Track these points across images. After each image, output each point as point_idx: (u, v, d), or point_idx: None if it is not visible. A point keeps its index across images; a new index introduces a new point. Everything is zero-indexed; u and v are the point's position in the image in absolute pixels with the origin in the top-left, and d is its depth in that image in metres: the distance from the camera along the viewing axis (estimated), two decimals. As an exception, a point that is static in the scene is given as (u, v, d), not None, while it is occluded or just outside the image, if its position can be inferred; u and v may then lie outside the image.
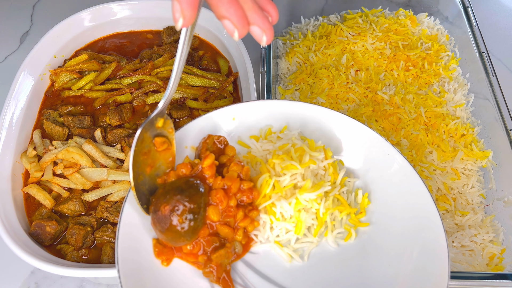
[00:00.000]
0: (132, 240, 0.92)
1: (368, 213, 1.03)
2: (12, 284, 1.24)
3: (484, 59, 1.40)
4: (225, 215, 0.93)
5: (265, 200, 0.97)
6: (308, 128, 1.09)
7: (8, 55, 1.75)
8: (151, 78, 1.43)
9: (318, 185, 0.98)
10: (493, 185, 1.26)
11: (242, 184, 0.95)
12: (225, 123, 1.07)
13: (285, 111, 1.08)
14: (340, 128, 1.07)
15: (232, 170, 0.97)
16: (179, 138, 1.02)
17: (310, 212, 0.99)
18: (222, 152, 1.03)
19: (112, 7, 1.56)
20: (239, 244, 0.95)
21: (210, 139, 1.02)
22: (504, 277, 1.03)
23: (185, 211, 0.87)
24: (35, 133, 1.33)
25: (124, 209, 0.93)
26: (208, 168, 0.94)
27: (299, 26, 1.67)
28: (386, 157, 1.04)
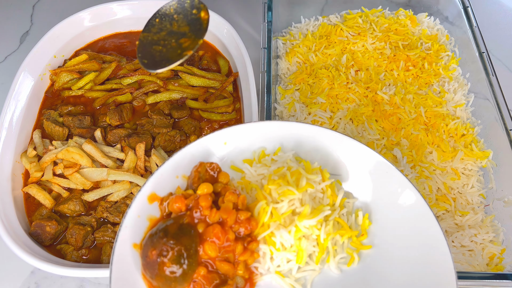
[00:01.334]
0: (126, 281, 0.88)
1: (370, 235, 0.99)
2: (12, 284, 1.24)
3: (484, 59, 1.40)
4: (224, 251, 0.88)
5: (263, 230, 0.93)
6: (302, 148, 1.06)
7: (8, 55, 1.75)
8: (151, 78, 1.43)
9: (318, 210, 0.95)
10: (493, 185, 1.26)
11: (239, 214, 0.91)
12: (217, 148, 1.03)
13: (278, 132, 1.04)
14: (335, 146, 1.04)
15: (227, 201, 0.92)
16: (169, 167, 0.98)
17: (311, 239, 0.95)
18: (215, 179, 0.98)
19: (112, 7, 1.56)
20: (241, 278, 0.91)
21: (202, 167, 0.97)
22: (504, 277, 1.03)
23: (174, 255, 0.83)
24: (35, 133, 1.33)
25: (116, 248, 0.89)
26: (204, 198, 0.90)
27: (299, 26, 1.67)
28: (384, 174, 1.00)
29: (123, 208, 1.19)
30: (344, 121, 1.35)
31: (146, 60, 1.05)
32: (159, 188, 0.96)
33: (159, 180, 0.96)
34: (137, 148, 1.25)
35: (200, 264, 0.87)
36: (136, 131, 1.34)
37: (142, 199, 0.94)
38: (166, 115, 1.37)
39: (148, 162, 1.26)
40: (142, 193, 0.94)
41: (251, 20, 1.83)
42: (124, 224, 0.91)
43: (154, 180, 0.96)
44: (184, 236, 0.86)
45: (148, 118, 1.37)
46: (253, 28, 1.81)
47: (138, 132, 1.33)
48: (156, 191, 0.96)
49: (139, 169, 1.24)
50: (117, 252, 0.89)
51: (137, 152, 1.25)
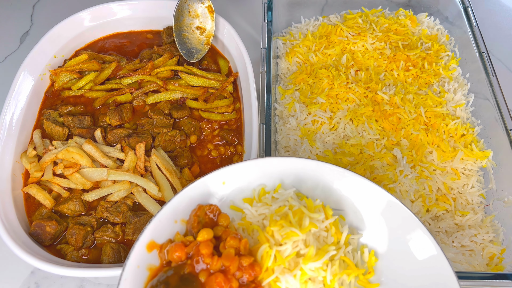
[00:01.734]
0: None
1: (377, 272, 0.97)
2: (12, 284, 1.24)
3: (484, 59, 1.40)
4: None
5: (268, 275, 0.89)
6: (303, 184, 1.03)
7: (8, 55, 1.75)
8: (151, 78, 1.43)
9: (323, 251, 0.92)
10: (493, 185, 1.26)
11: (242, 260, 0.87)
12: (215, 189, 1.00)
13: (277, 168, 1.02)
14: (336, 181, 1.02)
15: (229, 246, 0.89)
16: (168, 212, 0.95)
17: (317, 281, 0.91)
18: (215, 223, 0.95)
19: (112, 7, 1.56)
20: None
21: (201, 211, 0.94)
22: (504, 277, 1.03)
23: None
24: (35, 133, 1.33)
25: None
26: (205, 245, 0.87)
27: (299, 26, 1.67)
28: (388, 208, 0.98)
29: (123, 208, 1.19)
30: (344, 121, 1.35)
31: (184, 50, 1.45)
32: (158, 235, 0.93)
33: (158, 227, 0.93)
34: (137, 148, 1.25)
35: None
36: (136, 131, 1.34)
37: (140, 249, 0.91)
38: (166, 115, 1.37)
39: (148, 162, 1.26)
40: (140, 242, 0.91)
41: (251, 20, 1.83)
42: (124, 277, 0.87)
43: (152, 227, 0.93)
44: (186, 287, 0.83)
45: (148, 118, 1.37)
46: (253, 28, 1.81)
47: (138, 132, 1.33)
48: (154, 239, 0.92)
49: (139, 169, 1.24)
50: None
51: (137, 152, 1.25)
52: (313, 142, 1.32)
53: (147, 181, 1.21)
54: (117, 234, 1.17)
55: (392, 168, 1.26)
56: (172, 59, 1.49)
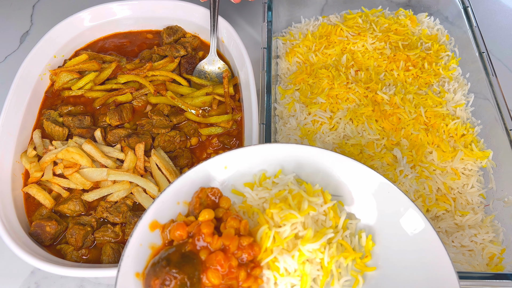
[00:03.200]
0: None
1: (374, 256, 0.99)
2: (12, 284, 1.24)
3: (484, 59, 1.40)
4: (227, 278, 0.87)
5: (267, 255, 0.92)
6: (303, 170, 1.05)
7: (8, 55, 1.75)
8: (142, 80, 1.42)
9: (320, 233, 0.94)
10: (493, 185, 1.26)
11: (241, 240, 0.90)
12: (217, 173, 1.02)
13: (278, 154, 1.04)
14: (336, 167, 1.03)
15: (229, 226, 0.92)
16: (170, 194, 0.97)
17: (315, 262, 0.94)
18: (216, 205, 0.98)
19: (112, 7, 1.56)
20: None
21: (203, 193, 0.97)
22: (504, 277, 1.03)
23: (177, 284, 0.83)
24: (35, 133, 1.33)
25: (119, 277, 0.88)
26: (206, 224, 0.90)
27: (299, 26, 1.67)
28: (386, 195, 1.00)
29: (123, 208, 1.19)
30: (344, 121, 1.35)
31: None
32: (160, 215, 0.95)
33: (160, 207, 0.96)
34: (137, 149, 1.25)
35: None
36: (136, 131, 1.34)
37: (143, 228, 0.93)
38: (165, 116, 1.37)
39: (147, 163, 1.26)
40: (143, 222, 0.94)
41: (251, 20, 1.83)
42: (126, 254, 0.90)
43: (155, 208, 0.95)
44: (187, 265, 0.85)
45: (148, 119, 1.37)
46: (253, 28, 1.81)
47: (138, 133, 1.33)
48: (157, 219, 0.95)
49: (139, 169, 1.24)
50: (120, 282, 0.88)
51: (136, 152, 1.25)
52: (313, 142, 1.32)
53: (147, 181, 1.21)
54: (117, 234, 1.17)
55: (392, 168, 1.26)
56: (171, 64, 1.48)
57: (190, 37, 1.58)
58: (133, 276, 0.90)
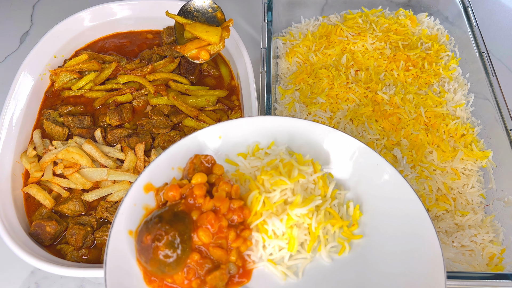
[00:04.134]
0: (121, 267, 0.89)
1: (361, 225, 1.02)
2: (12, 284, 1.24)
3: (484, 59, 1.40)
4: (217, 237, 0.91)
5: (256, 218, 0.96)
6: (295, 143, 1.08)
7: (8, 55, 1.75)
8: (142, 80, 1.42)
9: (309, 199, 0.97)
10: (493, 185, 1.26)
11: (232, 203, 0.94)
12: (212, 142, 1.05)
13: (272, 126, 1.07)
14: (327, 141, 1.07)
15: (221, 189, 0.95)
16: (165, 159, 1.00)
17: (302, 227, 0.97)
18: (210, 171, 1.01)
19: (112, 7, 1.56)
20: (234, 265, 0.93)
21: (197, 159, 1.00)
22: (504, 277, 1.03)
23: (168, 239, 0.86)
24: (35, 133, 1.33)
25: (112, 234, 0.91)
26: (198, 186, 0.93)
27: (299, 26, 1.67)
28: (375, 167, 1.03)
29: (123, 208, 1.19)
30: (344, 121, 1.35)
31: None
32: (155, 178, 0.99)
33: (155, 171, 0.99)
34: (137, 149, 1.25)
35: (193, 250, 0.90)
36: (136, 131, 1.34)
37: (138, 188, 0.97)
38: (166, 116, 1.37)
39: (148, 163, 1.26)
40: (138, 183, 0.97)
41: (251, 20, 1.83)
42: (120, 211, 0.93)
43: (150, 171, 0.99)
44: (179, 222, 0.88)
45: (148, 119, 1.37)
46: (253, 28, 1.81)
47: (138, 133, 1.33)
48: (152, 182, 0.98)
49: (139, 170, 1.24)
50: (113, 237, 0.91)
51: (136, 152, 1.25)
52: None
53: (147, 181, 1.21)
54: (117, 234, 1.17)
55: (392, 168, 1.26)
56: (171, 64, 1.48)
57: (190, 37, 1.58)
58: (126, 233, 0.93)
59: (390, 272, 0.95)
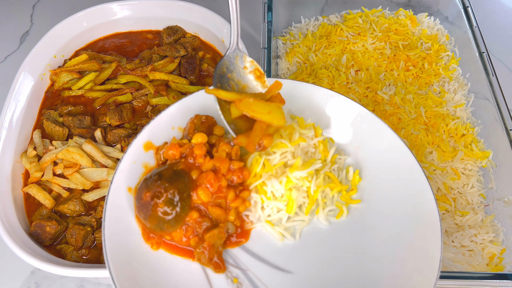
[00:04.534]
0: (119, 223, 0.90)
1: (360, 190, 1.03)
2: (12, 284, 1.24)
3: (484, 59, 1.40)
4: (216, 196, 0.92)
5: (255, 180, 0.96)
6: (297, 106, 1.07)
7: (8, 55, 1.75)
8: (142, 80, 1.42)
9: (309, 162, 0.98)
10: (493, 185, 1.26)
11: (232, 164, 0.94)
12: (213, 103, 1.02)
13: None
14: (330, 105, 1.06)
15: (221, 150, 0.95)
16: (165, 118, 1.00)
17: (301, 190, 0.98)
18: (210, 132, 1.00)
19: (112, 7, 1.56)
20: (232, 224, 0.94)
21: (197, 119, 0.99)
22: (504, 277, 1.03)
23: (167, 197, 0.86)
24: (35, 133, 1.33)
25: (111, 190, 0.91)
26: (199, 146, 0.93)
27: (299, 26, 1.67)
28: (376, 133, 1.03)
29: (123, 208, 1.19)
30: (344, 121, 1.35)
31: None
32: (155, 137, 0.99)
33: (155, 130, 0.99)
34: (137, 148, 1.25)
35: (192, 209, 0.91)
36: (136, 131, 1.34)
37: (137, 146, 0.97)
38: (166, 115, 1.37)
39: (148, 162, 1.26)
40: (137, 141, 0.97)
41: (251, 20, 1.83)
42: (120, 168, 0.93)
43: (150, 129, 0.98)
44: (178, 181, 0.89)
45: (148, 119, 1.37)
46: (253, 28, 1.81)
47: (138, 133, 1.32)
48: (152, 140, 0.98)
49: (139, 169, 1.24)
50: (112, 194, 0.91)
51: (137, 152, 1.25)
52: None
53: (147, 181, 1.21)
54: (117, 234, 1.17)
55: (392, 168, 1.26)
56: (171, 64, 1.48)
57: (190, 37, 1.58)
58: (125, 190, 0.94)
59: (386, 235, 0.96)
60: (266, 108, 0.96)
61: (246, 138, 0.93)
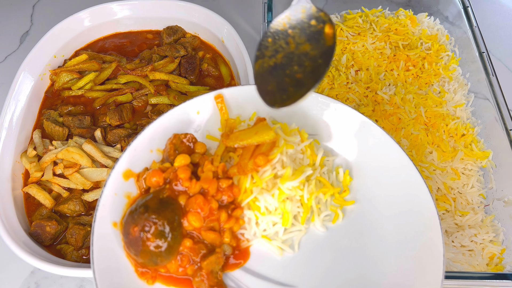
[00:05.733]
0: (109, 258, 0.86)
1: (352, 191, 1.01)
2: (12, 284, 1.24)
3: (484, 59, 1.40)
4: (208, 220, 0.87)
5: (247, 196, 0.93)
6: (279, 112, 1.03)
7: (8, 55, 1.75)
8: (142, 80, 1.42)
9: (299, 171, 0.96)
10: (493, 185, 1.26)
11: (220, 183, 0.90)
12: (190, 119, 1.00)
13: (251, 97, 0.99)
14: (311, 106, 1.03)
15: (207, 170, 0.90)
16: (142, 142, 0.95)
17: (295, 200, 0.96)
18: (191, 150, 0.96)
19: (112, 7, 1.56)
20: (228, 246, 0.90)
21: (176, 139, 0.94)
22: (504, 277, 1.03)
23: (157, 229, 0.82)
24: (35, 133, 1.33)
25: (95, 228, 0.86)
26: (183, 169, 0.88)
27: (299, 26, 1.67)
28: (362, 129, 1.01)
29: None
30: (344, 121, 1.35)
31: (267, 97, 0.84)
32: (134, 164, 0.93)
33: (133, 156, 0.94)
34: (137, 148, 1.25)
35: (185, 236, 0.86)
36: (136, 131, 1.34)
37: (117, 176, 0.91)
38: (166, 115, 1.37)
39: (148, 162, 1.26)
40: (116, 170, 0.91)
41: (251, 20, 1.83)
42: (101, 203, 0.88)
43: (128, 156, 0.93)
44: (166, 210, 0.84)
45: (148, 119, 1.37)
46: (253, 28, 1.81)
47: (138, 133, 1.32)
48: (131, 167, 0.93)
49: (139, 169, 1.24)
50: (97, 231, 0.86)
51: (137, 152, 1.25)
52: (313, 142, 1.32)
53: (147, 181, 1.21)
54: (117, 234, 1.17)
55: (392, 168, 1.26)
56: (171, 64, 1.48)
57: (190, 37, 1.58)
58: (110, 225, 0.88)
59: (385, 233, 0.94)
60: (252, 131, 0.96)
61: (235, 167, 0.93)
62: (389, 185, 0.98)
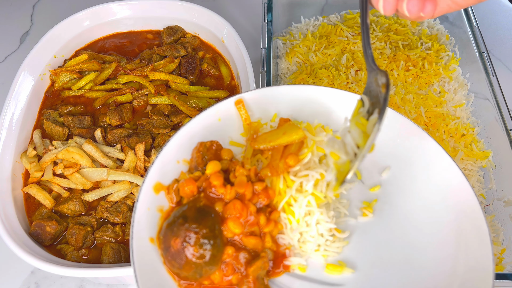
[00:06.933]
0: (152, 275, 0.82)
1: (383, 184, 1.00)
2: (12, 284, 1.24)
3: (484, 59, 1.40)
4: (248, 225, 0.85)
5: (281, 198, 0.91)
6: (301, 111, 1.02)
7: (8, 55, 1.75)
8: (142, 80, 1.42)
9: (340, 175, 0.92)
10: (493, 185, 1.26)
11: (255, 185, 0.88)
12: (212, 126, 0.99)
13: (270, 99, 1.00)
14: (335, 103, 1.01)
15: (239, 174, 0.89)
16: (168, 154, 0.94)
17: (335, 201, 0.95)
18: (219, 157, 0.95)
19: (112, 7, 1.56)
20: (270, 250, 0.88)
21: (203, 147, 0.94)
22: (504, 277, 1.03)
23: (199, 238, 0.79)
24: (35, 133, 1.33)
25: (134, 247, 0.83)
26: (215, 176, 0.86)
27: (299, 26, 1.67)
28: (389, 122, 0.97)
29: (123, 208, 1.19)
30: (344, 121, 1.35)
31: None
32: (163, 176, 0.92)
33: (161, 168, 0.93)
34: (137, 149, 1.25)
35: (226, 244, 0.84)
36: (136, 131, 1.34)
37: (148, 191, 0.90)
38: (166, 116, 1.37)
39: (148, 163, 1.26)
40: (147, 184, 0.90)
41: (251, 20, 1.83)
42: (136, 220, 0.86)
43: (156, 169, 0.92)
44: (205, 218, 0.82)
45: (148, 119, 1.37)
46: (253, 28, 1.81)
47: (138, 133, 1.33)
48: (160, 180, 0.92)
49: (139, 170, 1.24)
50: (136, 249, 0.83)
51: (136, 152, 1.25)
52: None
53: (147, 181, 1.21)
54: (117, 234, 1.17)
55: (392, 168, 1.26)
56: (171, 64, 1.48)
57: (190, 37, 1.58)
58: (148, 241, 0.86)
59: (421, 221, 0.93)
60: (280, 132, 0.95)
61: (267, 168, 0.91)
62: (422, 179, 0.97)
